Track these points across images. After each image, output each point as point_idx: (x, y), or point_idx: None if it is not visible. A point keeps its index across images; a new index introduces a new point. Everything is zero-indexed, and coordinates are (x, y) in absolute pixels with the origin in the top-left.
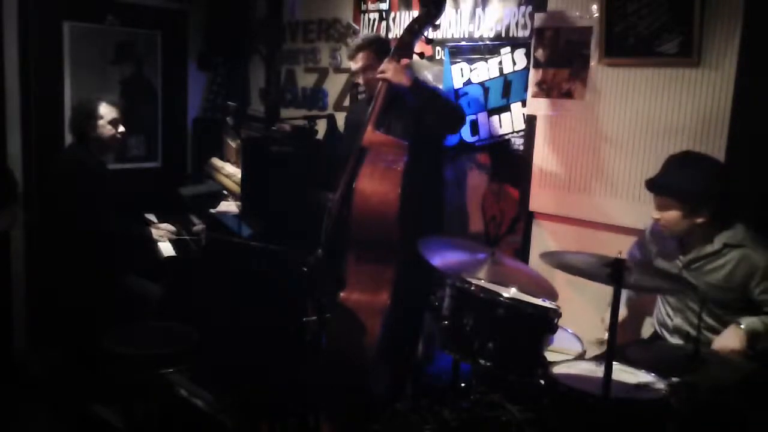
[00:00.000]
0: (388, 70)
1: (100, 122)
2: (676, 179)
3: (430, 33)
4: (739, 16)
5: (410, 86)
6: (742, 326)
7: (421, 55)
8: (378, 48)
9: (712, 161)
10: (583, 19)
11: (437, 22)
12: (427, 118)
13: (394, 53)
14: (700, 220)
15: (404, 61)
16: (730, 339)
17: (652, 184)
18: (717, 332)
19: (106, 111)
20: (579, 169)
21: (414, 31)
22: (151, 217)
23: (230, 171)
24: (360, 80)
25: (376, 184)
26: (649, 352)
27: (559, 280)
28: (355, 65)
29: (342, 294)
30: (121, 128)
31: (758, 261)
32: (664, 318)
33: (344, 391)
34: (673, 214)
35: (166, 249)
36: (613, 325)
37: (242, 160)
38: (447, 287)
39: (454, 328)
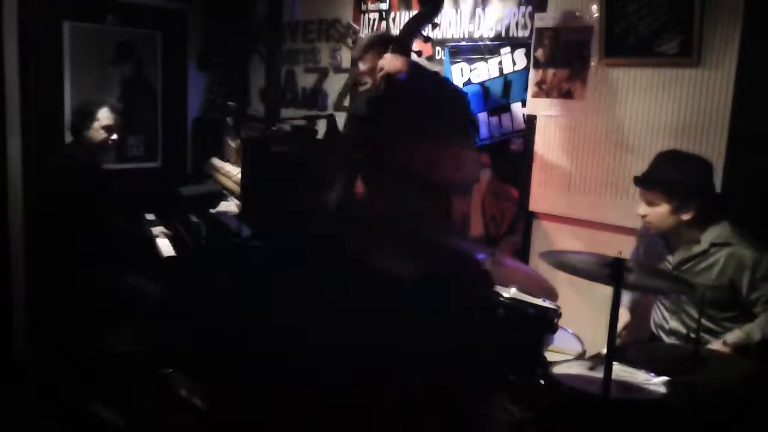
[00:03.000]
0: (384, 60)
1: (95, 125)
2: (664, 174)
3: (429, 31)
4: (739, 16)
5: (408, 70)
6: (728, 341)
7: (419, 53)
8: (386, 47)
9: (697, 158)
10: (583, 19)
11: (436, 21)
12: (434, 103)
13: (392, 51)
14: (686, 217)
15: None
16: None
17: (639, 180)
18: (712, 333)
19: (104, 115)
20: (579, 169)
21: (412, 29)
22: (151, 218)
23: (230, 171)
24: (368, 81)
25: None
26: (648, 352)
27: (559, 280)
28: (363, 66)
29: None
30: (114, 135)
31: (746, 258)
32: (660, 321)
33: (345, 391)
34: (660, 210)
35: (166, 249)
36: (613, 325)
37: (242, 160)
38: None
39: None
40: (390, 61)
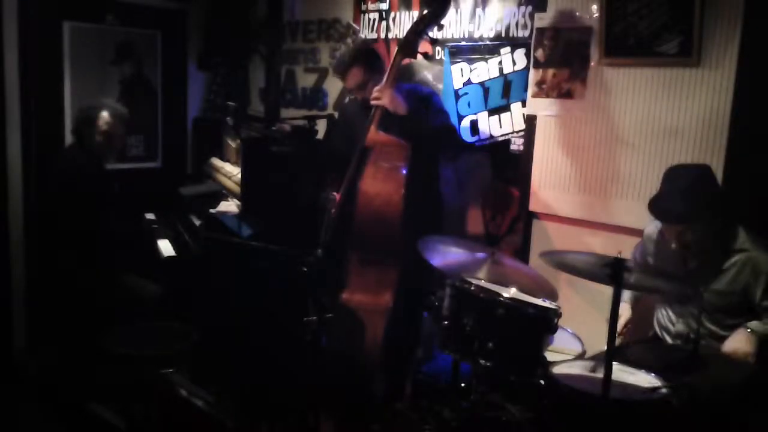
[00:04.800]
0: (384, 96)
1: (95, 129)
2: (691, 203)
3: (434, 33)
4: (739, 16)
5: (406, 115)
6: (749, 330)
7: (425, 54)
8: (367, 60)
9: (709, 171)
10: (583, 19)
11: (442, 22)
12: (423, 145)
13: (399, 52)
14: (714, 235)
15: (405, 61)
16: (741, 342)
17: (667, 214)
18: (719, 337)
19: (104, 120)
20: (579, 169)
21: (418, 30)
22: (151, 218)
23: (230, 171)
24: (355, 95)
25: (380, 185)
26: (649, 353)
27: (559, 280)
28: (347, 84)
29: (344, 295)
30: (115, 140)
31: (762, 264)
32: (666, 323)
33: (344, 391)
34: (691, 237)
35: (166, 249)
36: (613, 325)
37: (242, 160)
38: (447, 287)
39: (454, 328)
40: (391, 101)
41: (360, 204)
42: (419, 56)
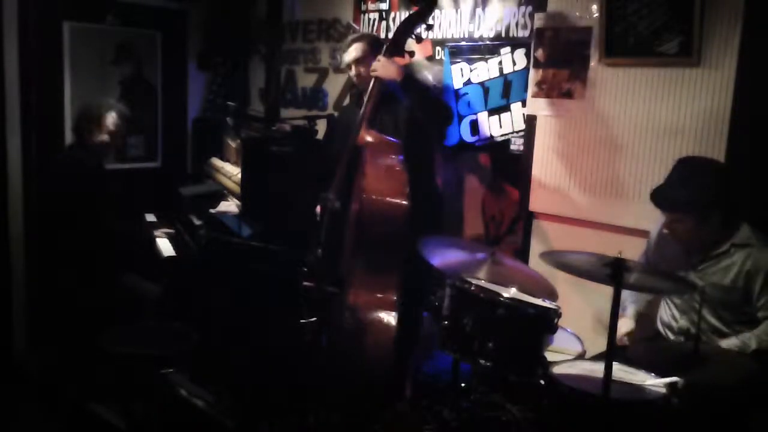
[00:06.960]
0: (378, 66)
1: (101, 128)
2: (686, 191)
3: (423, 33)
4: (739, 16)
5: (401, 80)
6: (723, 346)
7: (412, 53)
8: (372, 42)
9: (714, 164)
10: (583, 19)
11: (430, 22)
12: (417, 113)
13: (386, 51)
14: (711, 227)
15: (400, 60)
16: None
17: (663, 200)
18: (722, 334)
19: (110, 121)
20: (579, 169)
21: (405, 29)
22: (151, 217)
23: (230, 171)
24: (352, 72)
25: (383, 185)
26: (649, 352)
27: (559, 280)
28: (348, 57)
29: (350, 297)
30: (117, 139)
31: (762, 261)
32: (669, 320)
33: (344, 391)
34: (686, 227)
35: (166, 249)
36: (613, 326)
37: (242, 160)
38: (447, 287)
39: (454, 328)
40: (384, 68)
41: (365, 206)
42: (407, 55)
